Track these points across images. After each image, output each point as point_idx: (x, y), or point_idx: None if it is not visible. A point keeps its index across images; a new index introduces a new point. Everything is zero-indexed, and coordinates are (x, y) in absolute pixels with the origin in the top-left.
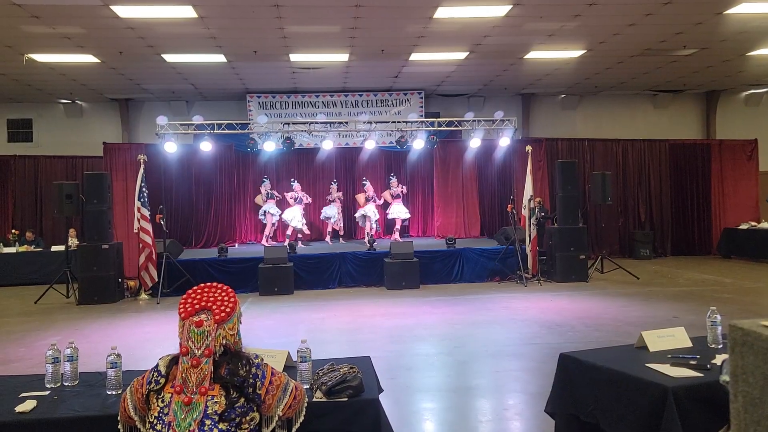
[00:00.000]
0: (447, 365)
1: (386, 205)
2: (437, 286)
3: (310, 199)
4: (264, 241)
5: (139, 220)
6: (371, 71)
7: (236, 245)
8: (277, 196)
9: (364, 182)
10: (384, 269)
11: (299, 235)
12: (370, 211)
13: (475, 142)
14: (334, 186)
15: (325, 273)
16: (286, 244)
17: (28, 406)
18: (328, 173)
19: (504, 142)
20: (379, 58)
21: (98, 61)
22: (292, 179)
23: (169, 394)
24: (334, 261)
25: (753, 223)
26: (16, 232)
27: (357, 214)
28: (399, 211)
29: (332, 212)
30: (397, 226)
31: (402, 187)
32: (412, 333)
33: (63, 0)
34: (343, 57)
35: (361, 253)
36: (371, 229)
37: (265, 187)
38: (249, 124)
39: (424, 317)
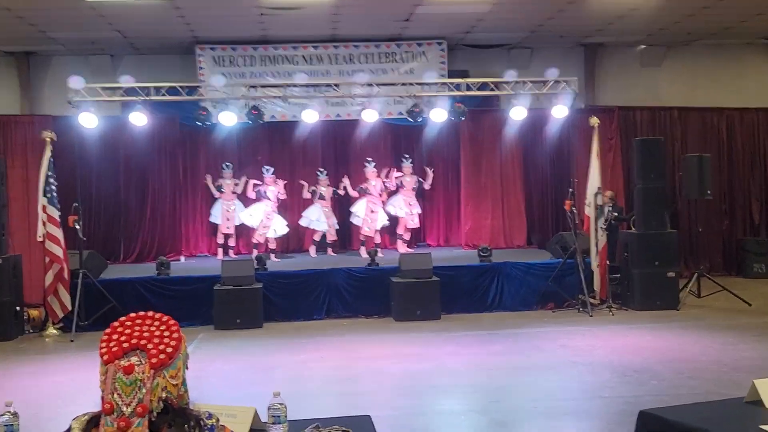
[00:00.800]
0: (480, 428)
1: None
2: (466, 317)
3: (283, 194)
4: (220, 254)
5: (44, 223)
6: (371, 12)
7: (182, 259)
8: (258, 185)
9: (368, 162)
10: (391, 292)
11: (270, 245)
12: (368, 207)
13: (518, 113)
14: (321, 176)
15: (307, 298)
16: (252, 257)
17: None
18: (311, 157)
19: (560, 112)
20: None
21: None
22: (266, 167)
23: None
24: (321, 281)
25: None
26: None
27: (354, 209)
28: (399, 205)
29: (316, 214)
30: (401, 233)
31: (416, 178)
32: (430, 382)
33: None
34: None
35: (359, 269)
36: (368, 231)
37: (227, 177)
38: (199, 87)
39: (447, 360)
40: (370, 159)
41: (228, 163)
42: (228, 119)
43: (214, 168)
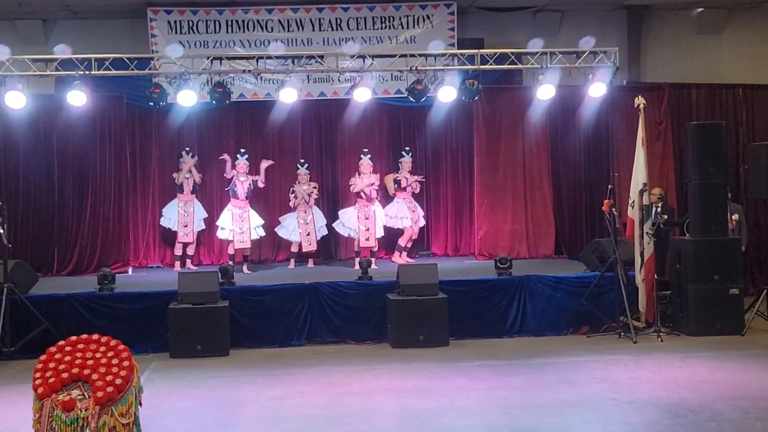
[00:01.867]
0: None
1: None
2: (480, 343)
3: (263, 182)
4: (177, 266)
5: None
6: None
7: (130, 271)
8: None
9: (363, 155)
10: (387, 312)
11: (244, 253)
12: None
13: (545, 91)
14: (302, 171)
15: (284, 319)
16: (217, 269)
17: None
18: (289, 146)
19: (597, 90)
20: None
21: None
22: (241, 151)
23: None
24: (301, 298)
25: None
26: None
27: (343, 218)
28: (401, 214)
29: (291, 221)
30: (403, 243)
31: (415, 178)
32: (437, 423)
33: None
34: None
35: (347, 284)
36: (367, 242)
37: (187, 164)
38: (152, 59)
39: (457, 396)
40: (366, 150)
41: (188, 149)
42: (187, 99)
43: (168, 159)
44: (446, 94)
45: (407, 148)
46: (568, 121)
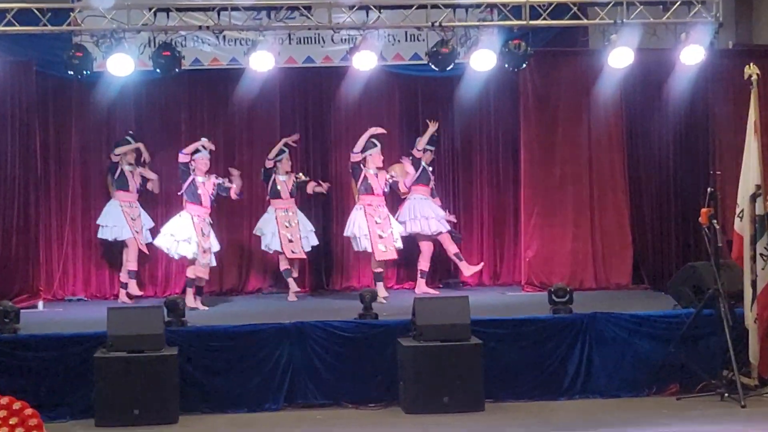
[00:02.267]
0: None
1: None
2: (527, 406)
3: (232, 187)
4: (124, 297)
5: None
6: None
7: (41, 306)
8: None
9: (372, 145)
10: (399, 364)
11: (198, 283)
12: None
13: (620, 57)
14: (283, 157)
15: (256, 373)
16: (161, 303)
17: None
18: (262, 130)
19: (690, 55)
20: None
21: None
22: (203, 141)
23: None
24: (280, 344)
25: None
26: None
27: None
28: (426, 221)
29: (269, 226)
30: (422, 266)
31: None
32: None
33: None
34: None
35: (344, 324)
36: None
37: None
38: (72, 11)
39: None
40: (379, 133)
41: (131, 132)
42: (120, 66)
43: (94, 150)
44: (482, 61)
45: (435, 134)
46: (651, 99)
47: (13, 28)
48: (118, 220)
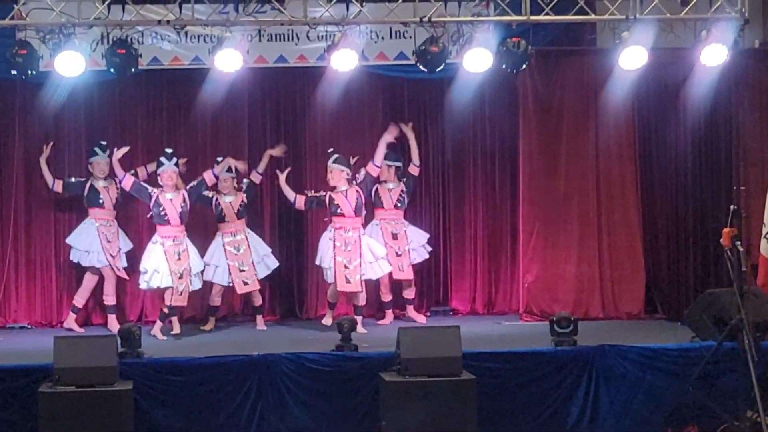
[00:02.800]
0: None
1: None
2: None
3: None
4: (70, 323)
5: None
6: None
7: None
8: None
9: (334, 157)
10: (381, 402)
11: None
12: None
13: (633, 57)
14: (224, 174)
15: (220, 411)
16: (115, 331)
17: None
18: (229, 140)
19: (712, 56)
20: None
21: None
22: (167, 152)
23: None
24: (247, 379)
25: None
26: None
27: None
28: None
29: (217, 255)
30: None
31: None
32: None
33: None
34: None
35: (320, 357)
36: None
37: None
38: (16, 3)
39: None
40: (332, 150)
41: (103, 143)
42: (70, 65)
43: (40, 156)
44: (476, 61)
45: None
46: (667, 105)
47: None
48: (92, 244)
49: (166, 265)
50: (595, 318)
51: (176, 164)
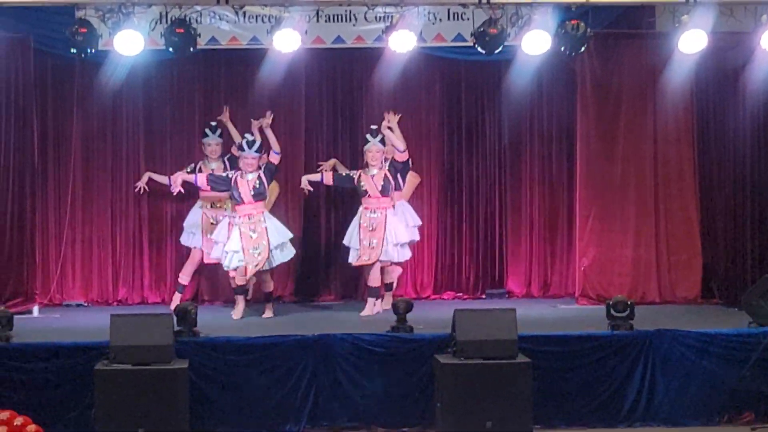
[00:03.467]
0: None
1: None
2: None
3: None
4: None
5: None
6: None
7: (35, 311)
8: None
9: (370, 137)
10: (436, 384)
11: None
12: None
13: (692, 41)
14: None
15: (275, 391)
16: (171, 309)
17: None
18: (287, 120)
19: None
20: None
21: None
22: (247, 137)
23: None
24: (302, 359)
25: None
26: None
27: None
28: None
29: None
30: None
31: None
32: None
33: None
34: None
35: (376, 338)
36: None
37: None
38: None
39: None
40: (375, 128)
41: (213, 123)
42: (129, 44)
43: (98, 139)
44: (535, 43)
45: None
46: (726, 89)
47: (7, 2)
48: (199, 225)
49: (240, 244)
50: (651, 302)
51: (257, 150)
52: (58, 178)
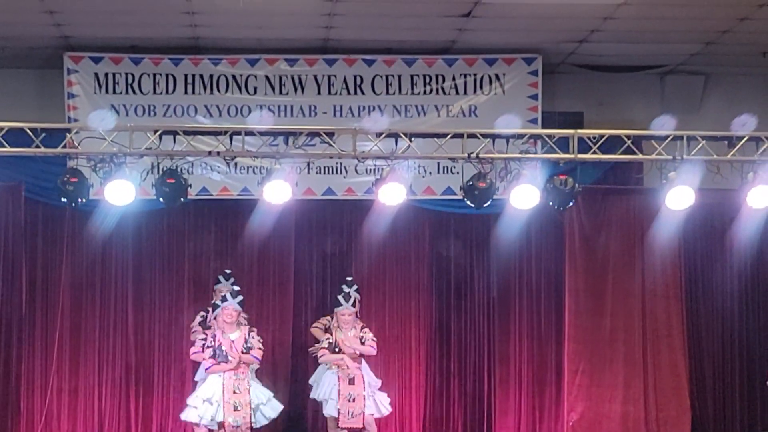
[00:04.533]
0: None
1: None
2: None
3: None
4: None
5: None
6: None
7: None
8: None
9: (347, 289)
10: None
11: None
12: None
13: (680, 197)
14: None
15: None
16: None
17: None
18: (276, 272)
19: (758, 198)
20: None
21: None
22: (230, 289)
23: None
24: None
25: None
26: None
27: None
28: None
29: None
30: None
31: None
32: None
33: None
34: None
35: None
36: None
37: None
38: (68, 131)
39: None
40: (350, 279)
41: (228, 271)
42: (120, 194)
43: (87, 289)
44: (523, 198)
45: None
46: (713, 246)
47: (2, 149)
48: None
49: (221, 396)
50: None
51: (240, 303)
52: (45, 326)
